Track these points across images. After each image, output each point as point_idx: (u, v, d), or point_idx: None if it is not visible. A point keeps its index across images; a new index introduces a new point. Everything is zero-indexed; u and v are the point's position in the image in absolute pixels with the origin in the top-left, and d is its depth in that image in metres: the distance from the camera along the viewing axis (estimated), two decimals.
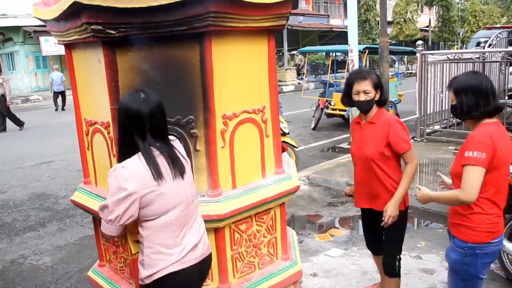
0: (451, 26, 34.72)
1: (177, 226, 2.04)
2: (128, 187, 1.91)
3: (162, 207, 1.99)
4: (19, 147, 10.74)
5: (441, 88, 8.98)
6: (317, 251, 4.43)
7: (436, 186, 5.90)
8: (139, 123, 1.99)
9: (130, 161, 1.98)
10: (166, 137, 2.09)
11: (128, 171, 1.94)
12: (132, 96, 2.04)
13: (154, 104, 2.03)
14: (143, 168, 1.95)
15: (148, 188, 1.94)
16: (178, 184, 2.04)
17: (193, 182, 2.18)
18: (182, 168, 2.07)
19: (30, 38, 26.08)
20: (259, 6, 2.41)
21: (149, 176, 1.95)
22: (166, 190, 1.99)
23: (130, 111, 1.99)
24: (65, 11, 2.31)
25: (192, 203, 2.12)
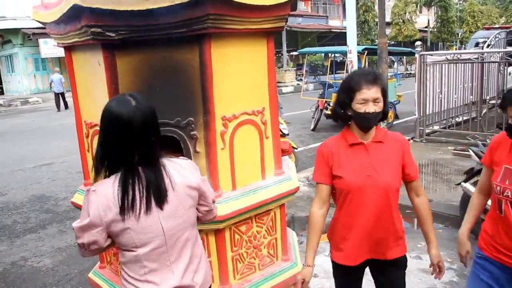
0: (449, 26, 34.79)
1: (150, 263, 1.75)
2: (90, 215, 1.67)
3: (129, 242, 1.71)
4: (19, 149, 10.75)
5: (440, 89, 9.00)
6: (317, 252, 4.42)
7: (435, 186, 5.95)
8: (127, 137, 1.66)
9: (103, 184, 1.71)
10: (154, 156, 1.74)
11: (96, 197, 1.68)
12: (120, 101, 1.71)
13: (148, 112, 1.72)
14: (112, 197, 1.66)
15: (112, 221, 1.67)
16: (152, 218, 1.71)
17: (186, 213, 1.81)
18: (161, 199, 1.71)
19: (29, 40, 26.11)
20: (258, 8, 2.43)
21: (116, 209, 1.67)
22: (133, 225, 1.68)
23: (117, 121, 1.66)
24: (65, 14, 2.32)
25: (177, 239, 1.78)
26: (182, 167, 1.83)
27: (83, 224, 1.70)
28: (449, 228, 4.92)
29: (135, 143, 1.67)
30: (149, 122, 1.71)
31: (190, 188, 1.81)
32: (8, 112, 20.59)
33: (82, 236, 1.71)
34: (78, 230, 1.72)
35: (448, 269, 3.96)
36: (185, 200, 1.79)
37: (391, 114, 10.84)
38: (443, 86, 8.97)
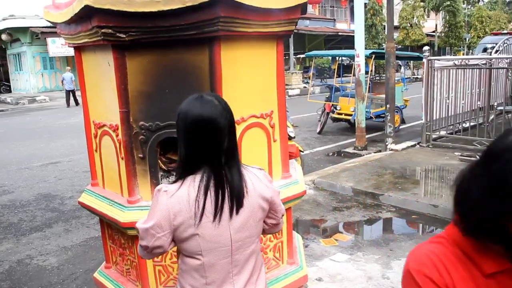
0: (457, 31, 34.65)
1: (213, 274, 1.66)
2: (160, 218, 1.60)
3: (195, 249, 1.63)
4: (27, 148, 10.80)
5: (447, 94, 8.97)
6: (322, 256, 4.43)
7: (441, 192, 5.92)
8: (216, 139, 1.60)
9: (176, 186, 1.63)
10: (236, 160, 1.67)
11: (167, 199, 1.61)
12: (204, 102, 1.63)
13: (231, 112, 1.68)
14: (186, 200, 1.59)
15: (182, 225, 1.60)
16: (224, 229, 1.62)
17: (256, 225, 1.71)
18: (238, 206, 1.63)
19: (37, 39, 26.28)
20: (268, 11, 2.43)
21: (189, 212, 1.59)
22: (203, 233, 1.61)
23: (207, 123, 1.59)
24: (76, 14, 2.33)
25: (243, 252, 1.69)
26: (258, 177, 1.73)
27: (148, 226, 1.62)
28: None
29: (222, 144, 1.61)
30: (233, 123, 1.67)
31: (264, 200, 1.71)
32: (16, 110, 20.70)
33: (146, 238, 1.64)
34: (143, 231, 1.64)
35: None
36: (257, 212, 1.70)
37: (397, 118, 10.82)
38: (451, 91, 8.94)
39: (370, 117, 10.77)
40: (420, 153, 8.23)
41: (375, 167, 7.36)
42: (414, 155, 8.14)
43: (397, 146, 8.74)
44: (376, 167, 7.39)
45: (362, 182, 6.53)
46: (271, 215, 1.81)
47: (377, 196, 6.03)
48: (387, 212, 5.64)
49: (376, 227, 5.35)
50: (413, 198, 5.77)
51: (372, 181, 6.57)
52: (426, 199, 5.72)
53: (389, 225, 5.37)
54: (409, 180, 6.62)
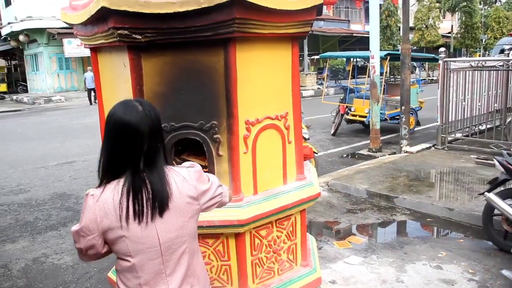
0: (473, 32, 34.28)
1: (145, 274, 1.69)
2: (85, 221, 1.65)
3: (123, 250, 1.67)
4: (43, 147, 10.92)
5: (463, 96, 8.87)
6: (336, 258, 4.40)
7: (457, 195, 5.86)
8: (133, 143, 1.63)
9: (103, 190, 1.67)
10: (159, 164, 1.69)
11: (93, 202, 1.65)
12: (126, 106, 1.67)
13: (156, 119, 1.69)
14: (111, 203, 1.63)
15: (109, 228, 1.64)
16: (150, 228, 1.65)
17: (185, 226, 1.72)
18: (163, 207, 1.66)
19: (53, 40, 26.58)
20: (284, 13, 2.42)
21: (115, 215, 1.62)
22: (129, 234, 1.64)
23: (124, 127, 1.62)
24: (93, 16, 2.35)
25: (174, 252, 1.72)
26: (183, 177, 1.74)
27: (79, 229, 1.68)
28: (470, 239, 4.83)
29: (141, 149, 1.63)
30: (155, 129, 1.68)
31: (190, 198, 1.73)
32: (32, 110, 20.97)
33: (79, 241, 1.70)
34: (74, 234, 1.71)
35: (469, 280, 3.89)
36: (185, 211, 1.72)
37: (412, 120, 10.73)
38: (467, 93, 8.84)
39: (385, 119, 10.70)
40: (435, 156, 8.15)
41: (389, 169, 7.30)
42: (429, 157, 8.06)
43: (412, 148, 8.67)
44: (391, 169, 7.33)
45: (377, 184, 6.48)
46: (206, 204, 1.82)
47: (392, 198, 5.98)
48: (402, 214, 5.60)
49: (390, 229, 5.31)
50: (428, 201, 5.72)
51: (387, 184, 6.52)
52: (441, 202, 5.66)
53: (403, 228, 5.32)
54: (424, 183, 6.56)
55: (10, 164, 9.21)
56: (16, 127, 15.01)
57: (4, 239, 5.31)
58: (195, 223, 1.79)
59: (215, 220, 2.48)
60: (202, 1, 2.16)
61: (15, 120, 17.06)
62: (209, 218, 2.45)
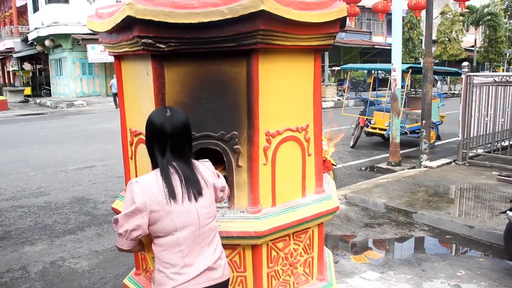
0: (497, 46, 33.83)
1: (187, 247, 2.02)
2: (136, 202, 1.94)
3: (170, 225, 1.98)
4: (64, 151, 11.08)
5: (486, 111, 8.74)
6: (352, 273, 4.35)
7: (477, 212, 5.75)
8: (160, 139, 2.04)
9: (145, 176, 2.05)
10: (187, 157, 2.09)
11: (140, 186, 1.98)
12: (158, 112, 2.10)
13: (178, 123, 2.06)
14: (155, 185, 1.98)
15: (157, 206, 1.95)
16: (190, 205, 2.02)
17: (212, 204, 2.13)
18: (197, 191, 2.05)
19: (78, 45, 27.06)
20: (307, 25, 2.42)
21: (160, 194, 1.96)
22: (175, 210, 1.98)
23: (153, 127, 2.05)
24: (118, 24, 2.37)
25: (206, 225, 2.08)
26: (207, 168, 2.20)
27: (128, 211, 1.95)
28: (490, 258, 4.73)
29: (166, 145, 2.03)
30: (177, 131, 2.04)
31: (212, 186, 2.16)
32: (55, 114, 21.32)
33: (127, 223, 1.96)
34: (123, 217, 1.96)
35: None
36: (211, 192, 2.13)
37: (433, 134, 10.60)
38: (490, 108, 8.71)
39: (405, 133, 10.60)
40: (455, 171, 8.03)
41: (408, 184, 7.21)
42: (449, 173, 7.94)
43: (432, 163, 8.56)
44: (410, 184, 7.24)
45: (395, 199, 6.41)
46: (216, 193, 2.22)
47: (410, 214, 5.89)
48: (420, 230, 5.51)
49: (408, 245, 5.23)
50: (447, 217, 5.62)
51: (405, 198, 6.43)
52: (461, 219, 5.56)
53: (421, 244, 5.24)
54: (444, 199, 6.46)
55: (32, 167, 9.36)
56: (39, 130, 15.26)
57: (23, 241, 5.37)
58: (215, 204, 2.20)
59: (232, 231, 2.47)
60: (226, 12, 2.17)
61: (38, 123, 17.35)
62: (226, 228, 2.45)
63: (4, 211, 6.51)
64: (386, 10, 12.96)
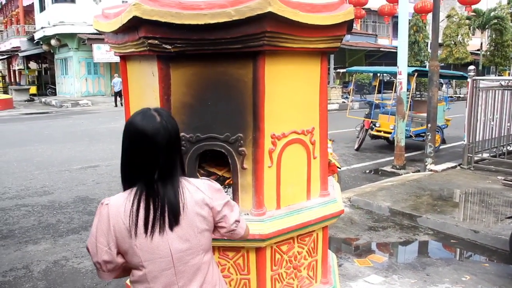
0: (504, 50, 33.68)
1: (156, 284, 1.67)
2: (101, 231, 1.64)
3: (135, 260, 1.65)
4: (68, 150, 11.10)
5: (492, 115, 8.69)
6: (356, 277, 4.32)
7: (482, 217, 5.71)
8: (148, 153, 1.62)
9: (117, 198, 1.67)
10: (175, 176, 1.68)
11: (107, 211, 1.64)
12: (144, 115, 1.65)
13: (173, 132, 1.67)
14: (122, 211, 1.62)
15: (120, 236, 1.63)
16: (161, 238, 1.63)
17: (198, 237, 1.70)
18: (174, 219, 1.64)
19: (83, 45, 27.17)
20: (314, 27, 2.41)
21: (125, 224, 1.61)
22: (139, 244, 1.62)
23: (140, 135, 1.62)
24: (124, 25, 2.37)
25: (186, 262, 1.68)
26: (198, 188, 1.72)
27: (94, 240, 1.66)
28: (496, 263, 4.69)
29: (156, 160, 1.62)
30: (172, 141, 1.66)
31: (202, 206, 1.70)
32: (60, 113, 21.37)
33: (96, 254, 1.66)
34: (90, 246, 1.67)
35: None
36: (196, 223, 1.68)
37: (438, 138, 10.55)
38: (496, 112, 8.66)
39: (410, 136, 10.56)
40: (460, 175, 7.99)
41: (413, 188, 7.18)
42: (455, 177, 7.90)
43: (437, 167, 8.52)
44: (415, 187, 7.21)
45: (400, 202, 6.37)
46: (220, 224, 1.78)
47: (415, 217, 5.86)
48: (425, 234, 5.48)
49: (413, 249, 5.20)
50: (452, 221, 5.59)
51: (410, 202, 6.40)
52: (466, 224, 5.52)
53: (426, 249, 5.21)
54: (449, 203, 6.42)
55: (36, 166, 9.37)
56: (44, 129, 15.30)
57: (27, 240, 5.38)
58: (209, 236, 1.76)
59: None
60: (233, 13, 2.16)
61: (43, 122, 17.40)
62: None
63: (8, 210, 6.52)
64: (392, 13, 12.93)
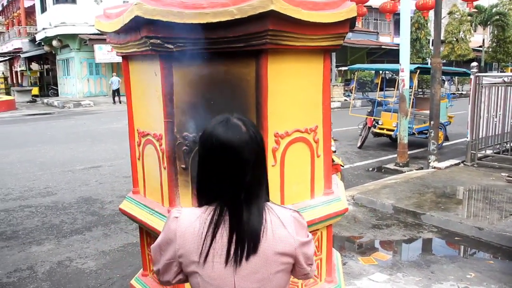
0: (506, 46, 33.60)
1: None
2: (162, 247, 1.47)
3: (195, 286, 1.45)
4: (71, 151, 11.11)
5: (495, 112, 8.67)
6: (360, 275, 4.31)
7: (486, 214, 5.69)
8: (235, 172, 1.39)
9: (189, 213, 1.46)
10: (261, 199, 1.44)
11: (176, 226, 1.44)
12: (229, 126, 1.41)
13: (262, 144, 1.46)
14: (191, 231, 1.41)
15: (185, 258, 1.42)
16: (227, 272, 1.39)
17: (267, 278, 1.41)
18: (249, 252, 1.38)
19: (85, 46, 27.22)
20: (317, 25, 2.39)
21: (192, 246, 1.40)
22: (204, 272, 1.40)
23: (226, 152, 1.39)
24: (126, 25, 2.36)
25: None
26: (282, 223, 1.44)
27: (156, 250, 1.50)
28: (500, 260, 4.68)
29: (243, 178, 1.39)
30: (262, 157, 1.46)
31: (281, 255, 1.43)
32: (62, 114, 21.40)
33: (157, 262, 1.50)
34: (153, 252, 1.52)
35: None
36: (272, 264, 1.42)
37: (441, 135, 10.53)
38: (499, 109, 8.64)
39: (413, 133, 10.53)
40: (464, 172, 7.97)
41: (416, 185, 7.16)
42: (458, 174, 7.88)
43: (440, 164, 8.49)
44: (418, 185, 7.19)
45: (403, 200, 6.36)
46: (299, 267, 1.50)
47: (419, 215, 5.85)
48: (429, 232, 5.47)
49: (417, 247, 5.19)
50: (456, 219, 5.57)
51: (414, 200, 6.39)
52: (470, 221, 5.51)
53: (430, 246, 5.20)
54: (452, 200, 6.41)
55: (39, 166, 9.39)
56: (46, 130, 15.33)
57: (31, 241, 5.38)
58: (285, 277, 1.48)
59: None
60: (235, 12, 2.15)
61: (45, 123, 17.43)
62: None
63: (12, 211, 6.53)
64: (394, 10, 12.89)
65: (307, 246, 1.49)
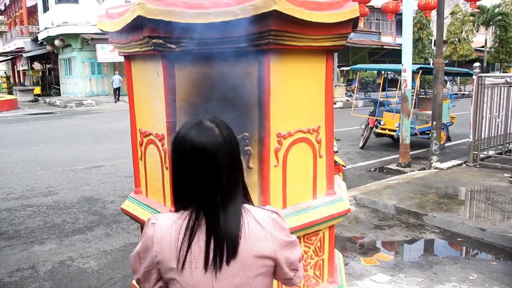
0: (508, 47, 33.54)
1: None
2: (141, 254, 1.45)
3: None
4: (73, 150, 11.12)
5: (497, 112, 8.65)
6: (362, 275, 4.30)
7: (489, 215, 5.67)
8: (210, 176, 1.37)
9: (165, 219, 1.43)
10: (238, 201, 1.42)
11: (153, 233, 1.41)
12: (202, 129, 1.38)
13: (236, 146, 1.44)
14: (168, 238, 1.38)
15: (162, 265, 1.40)
16: (207, 278, 1.36)
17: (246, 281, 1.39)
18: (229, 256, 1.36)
19: (87, 45, 27.21)
20: (320, 26, 2.39)
21: (169, 253, 1.38)
22: (182, 279, 1.37)
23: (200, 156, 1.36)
24: (129, 24, 2.36)
25: None
26: (260, 224, 1.41)
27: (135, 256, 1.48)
28: (503, 261, 4.66)
29: (218, 181, 1.37)
30: (237, 159, 1.42)
31: (259, 257, 1.40)
32: (64, 113, 21.43)
33: (137, 270, 1.48)
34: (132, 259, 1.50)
35: None
36: (251, 267, 1.40)
37: (443, 135, 10.51)
38: (501, 109, 8.62)
39: (415, 134, 10.51)
40: (466, 173, 7.95)
41: (419, 186, 7.15)
42: (460, 174, 7.86)
43: (442, 164, 8.48)
44: (420, 185, 7.17)
45: (405, 201, 6.35)
46: (280, 271, 1.47)
47: (421, 216, 5.84)
48: (431, 233, 5.45)
49: (419, 248, 5.18)
50: (458, 220, 5.56)
51: (416, 200, 6.37)
52: (473, 222, 5.49)
53: (432, 247, 5.18)
54: (455, 201, 6.39)
55: (41, 166, 9.40)
56: (48, 129, 15.34)
57: (33, 240, 5.38)
58: (265, 281, 1.45)
59: None
60: (238, 12, 2.15)
61: (48, 122, 17.45)
62: None
63: (14, 210, 6.53)
64: (396, 10, 12.87)
65: (288, 248, 1.46)
